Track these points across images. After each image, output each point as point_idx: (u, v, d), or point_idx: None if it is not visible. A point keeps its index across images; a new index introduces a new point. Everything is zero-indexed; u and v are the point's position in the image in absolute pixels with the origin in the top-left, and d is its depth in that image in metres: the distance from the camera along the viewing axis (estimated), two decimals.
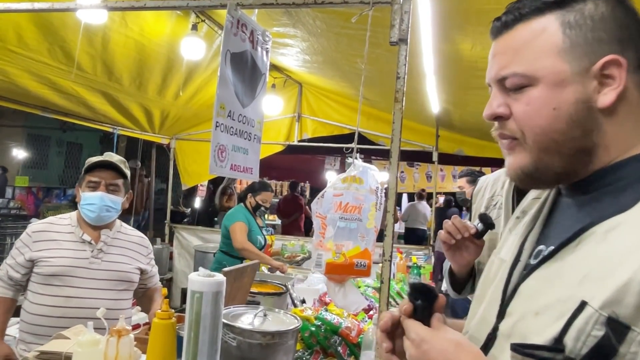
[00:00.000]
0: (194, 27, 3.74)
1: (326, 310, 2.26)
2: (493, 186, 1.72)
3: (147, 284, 2.47)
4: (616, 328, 0.60)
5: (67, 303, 2.14)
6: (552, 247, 0.75)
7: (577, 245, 0.69)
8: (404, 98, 1.61)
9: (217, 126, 1.62)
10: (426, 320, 0.79)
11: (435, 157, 5.71)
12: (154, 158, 6.98)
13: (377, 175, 1.79)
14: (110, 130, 5.26)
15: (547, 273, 0.73)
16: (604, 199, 0.73)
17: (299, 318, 1.81)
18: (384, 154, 6.87)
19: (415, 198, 10.49)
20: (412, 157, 9.01)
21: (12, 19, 3.02)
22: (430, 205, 7.98)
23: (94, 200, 2.21)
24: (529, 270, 0.77)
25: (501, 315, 0.79)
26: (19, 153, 12.69)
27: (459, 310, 4.71)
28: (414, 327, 0.77)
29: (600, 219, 0.69)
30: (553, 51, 0.73)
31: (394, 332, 0.83)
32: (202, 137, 5.99)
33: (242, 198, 4.43)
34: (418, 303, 0.80)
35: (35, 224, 2.28)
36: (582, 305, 0.63)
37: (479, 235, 1.45)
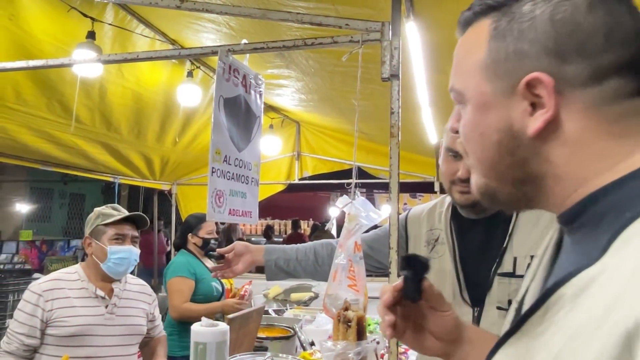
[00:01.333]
0: (190, 74, 3.80)
1: None
2: (429, 219, 1.61)
3: (151, 333, 2.43)
4: None
5: None
6: None
7: (545, 315, 0.54)
8: (400, 132, 1.60)
9: (213, 172, 1.61)
10: (418, 289, 0.78)
11: (437, 188, 5.69)
12: (156, 205, 6.98)
13: (373, 213, 1.75)
14: (111, 179, 5.27)
15: (517, 351, 0.58)
16: (584, 242, 0.57)
17: None
18: (386, 187, 6.84)
19: None
20: (414, 188, 8.99)
21: (10, 76, 3.07)
22: None
23: (125, 254, 2.19)
24: (497, 344, 0.62)
25: None
26: (22, 207, 12.72)
27: None
28: None
29: (574, 272, 0.52)
30: (477, 67, 0.62)
31: (396, 306, 0.82)
32: (203, 181, 5.99)
33: (180, 244, 3.53)
34: (404, 273, 0.79)
35: (41, 283, 2.14)
36: None
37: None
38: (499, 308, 1.35)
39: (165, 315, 3.39)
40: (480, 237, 1.46)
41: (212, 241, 3.46)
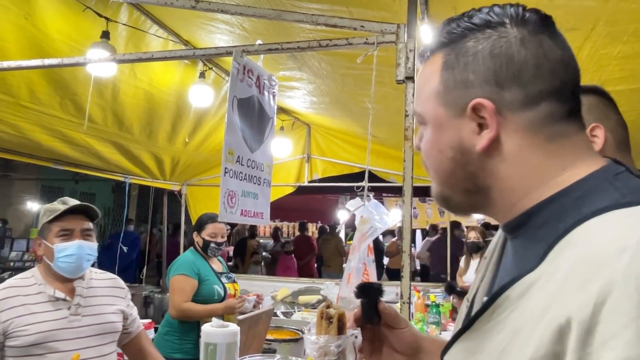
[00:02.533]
0: (202, 74, 3.81)
1: None
2: None
3: (129, 328, 2.19)
4: None
5: None
6: None
7: (493, 314, 0.63)
8: (414, 135, 1.59)
9: (225, 172, 1.61)
10: (375, 313, 0.90)
11: None
12: (165, 205, 7.00)
13: (385, 216, 1.74)
14: (122, 179, 5.30)
15: (469, 346, 0.66)
16: (524, 248, 0.67)
17: None
18: (395, 191, 6.85)
19: (429, 233, 10.35)
20: (424, 192, 8.94)
21: (24, 75, 3.09)
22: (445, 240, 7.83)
23: (73, 250, 1.94)
24: (452, 339, 0.71)
25: None
26: (33, 205, 12.82)
27: None
28: None
29: (517, 277, 0.62)
30: (433, 94, 0.72)
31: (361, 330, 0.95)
32: (212, 182, 6.01)
33: (191, 240, 3.41)
34: (361, 301, 0.90)
35: None
36: None
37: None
38: None
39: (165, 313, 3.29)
40: None
41: (212, 244, 3.24)
